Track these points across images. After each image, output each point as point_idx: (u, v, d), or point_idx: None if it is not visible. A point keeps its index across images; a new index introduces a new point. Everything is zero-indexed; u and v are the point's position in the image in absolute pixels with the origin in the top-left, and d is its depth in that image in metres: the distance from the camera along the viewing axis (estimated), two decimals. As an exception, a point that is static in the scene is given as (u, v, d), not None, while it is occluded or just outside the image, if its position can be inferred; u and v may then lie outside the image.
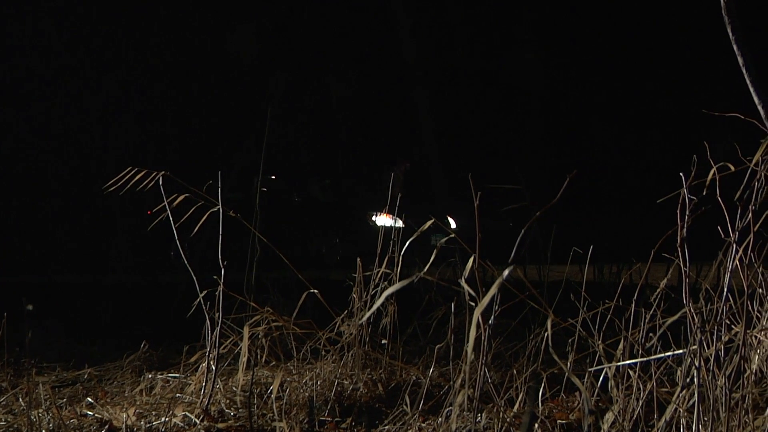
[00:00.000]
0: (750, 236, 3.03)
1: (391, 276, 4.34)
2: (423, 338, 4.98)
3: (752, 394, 3.11)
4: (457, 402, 3.08)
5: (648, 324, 3.29)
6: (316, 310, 4.40)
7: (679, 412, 2.98)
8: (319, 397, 4.01)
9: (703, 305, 3.08)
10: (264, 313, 4.17)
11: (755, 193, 3.06)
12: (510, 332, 4.54)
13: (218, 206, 4.06)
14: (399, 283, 2.94)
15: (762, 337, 3.19)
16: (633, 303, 3.32)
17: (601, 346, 3.34)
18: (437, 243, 3.51)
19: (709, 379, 2.86)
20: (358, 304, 4.45)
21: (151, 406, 4.01)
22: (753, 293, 3.19)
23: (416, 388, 3.89)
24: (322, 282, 4.89)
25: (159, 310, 7.85)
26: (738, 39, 3.14)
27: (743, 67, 3.13)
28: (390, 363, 4.41)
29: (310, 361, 4.43)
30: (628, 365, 3.22)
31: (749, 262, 3.10)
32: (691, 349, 2.94)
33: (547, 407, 3.66)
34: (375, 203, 15.48)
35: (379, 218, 15.60)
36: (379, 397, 4.11)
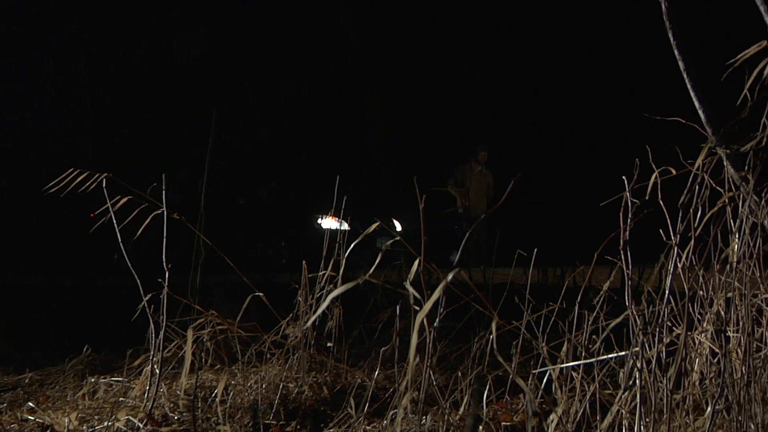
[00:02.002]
0: (691, 239, 3.07)
1: (337, 279, 4.34)
2: (368, 341, 4.98)
3: (693, 395, 3.15)
4: (402, 404, 3.08)
5: (591, 326, 3.32)
6: (262, 313, 4.37)
7: (622, 414, 3.01)
8: (264, 400, 3.99)
9: (645, 307, 3.11)
10: (209, 316, 4.14)
11: (696, 197, 3.10)
12: (455, 335, 4.56)
13: (162, 209, 4.03)
14: (343, 286, 2.92)
15: (702, 338, 3.22)
16: (576, 305, 3.35)
17: (545, 348, 3.36)
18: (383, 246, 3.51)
19: (651, 380, 2.89)
20: (304, 307, 4.44)
21: (94, 411, 3.97)
22: (694, 295, 3.22)
23: (361, 391, 3.89)
24: (267, 285, 4.87)
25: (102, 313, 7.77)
26: (679, 44, 3.17)
27: (684, 72, 3.17)
28: (335, 366, 4.40)
29: (255, 364, 4.41)
30: (571, 367, 3.24)
31: (690, 264, 3.14)
32: (633, 351, 2.97)
33: (492, 409, 3.68)
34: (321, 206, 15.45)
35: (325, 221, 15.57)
36: (324, 400, 4.10)
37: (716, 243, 3.25)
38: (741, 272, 3.15)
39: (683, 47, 3.18)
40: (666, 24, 3.18)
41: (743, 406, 2.85)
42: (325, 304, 2.94)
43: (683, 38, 3.18)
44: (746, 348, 2.93)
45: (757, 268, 3.23)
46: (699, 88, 3.16)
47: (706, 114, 3.16)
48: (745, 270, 3.16)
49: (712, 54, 4.67)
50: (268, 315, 4.35)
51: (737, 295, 3.11)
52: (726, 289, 3.18)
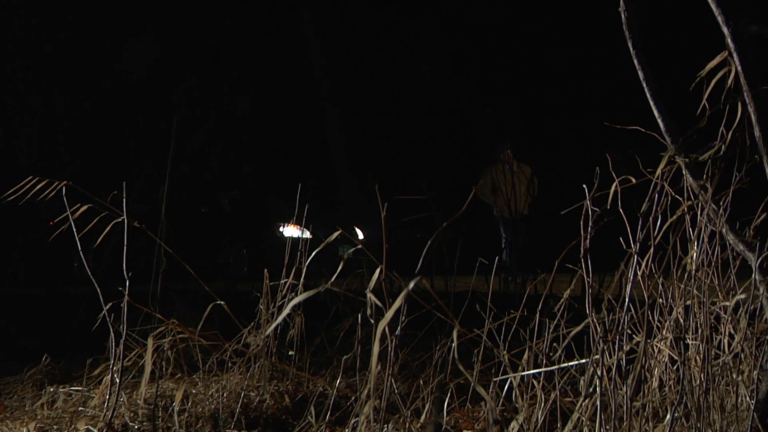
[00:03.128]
0: (651, 248, 3.09)
1: (298, 287, 4.33)
2: (330, 349, 4.97)
3: (652, 402, 3.17)
4: (364, 413, 3.07)
5: (552, 334, 3.33)
6: (223, 321, 4.35)
7: (582, 421, 3.02)
8: (225, 409, 3.97)
9: (606, 315, 3.13)
10: (170, 324, 4.11)
11: (655, 206, 3.12)
12: (417, 343, 4.56)
13: (123, 217, 4.00)
14: (305, 294, 2.92)
15: (662, 346, 3.25)
16: (537, 313, 3.36)
17: (507, 356, 3.37)
18: (345, 254, 3.50)
19: (611, 388, 2.91)
20: (265, 316, 4.42)
21: (53, 420, 3.93)
22: (653, 303, 3.25)
23: (323, 400, 3.88)
24: (229, 293, 4.85)
25: (62, 322, 7.70)
26: (639, 54, 3.20)
27: (644, 81, 3.19)
28: (297, 374, 4.39)
29: (216, 373, 4.39)
30: (532, 375, 3.25)
31: (650, 272, 3.16)
32: (593, 359, 2.99)
33: (454, 417, 3.68)
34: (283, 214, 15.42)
35: (287, 229, 15.55)
36: (285, 408, 4.08)
37: (675, 251, 3.27)
38: (700, 280, 3.18)
39: (643, 57, 3.21)
40: (626, 34, 3.21)
41: (702, 413, 2.87)
42: (285, 312, 2.93)
43: (643, 48, 3.21)
44: (705, 355, 2.96)
45: (716, 276, 3.26)
46: (658, 98, 3.19)
47: (665, 123, 3.18)
48: (704, 278, 3.19)
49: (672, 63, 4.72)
50: (230, 323, 4.33)
51: (696, 302, 3.14)
52: (685, 296, 3.21)
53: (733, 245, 3.15)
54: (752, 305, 3.14)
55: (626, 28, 3.20)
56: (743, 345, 3.12)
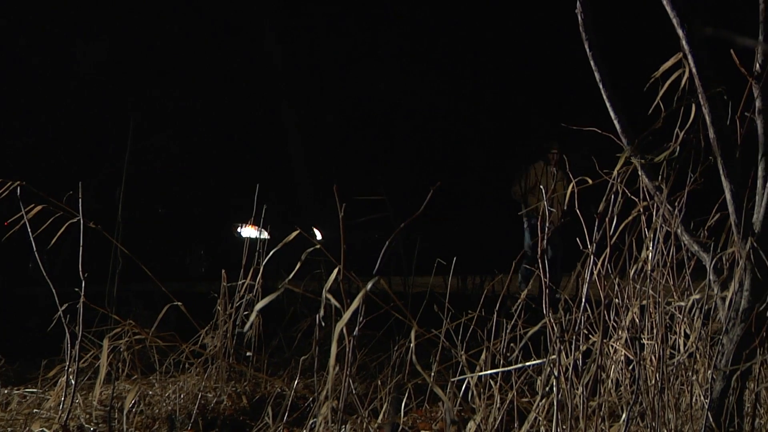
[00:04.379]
0: (607, 248, 3.11)
1: (256, 288, 4.31)
2: (288, 350, 4.96)
3: (608, 401, 3.19)
4: (322, 414, 3.07)
5: (509, 334, 3.35)
6: (181, 322, 4.33)
7: (539, 421, 3.04)
8: (182, 410, 3.95)
9: (562, 316, 3.15)
10: (126, 325, 4.08)
11: (611, 206, 3.14)
12: (375, 343, 4.56)
13: (78, 217, 3.96)
14: (267, 298, 2.91)
15: (618, 346, 3.27)
16: (495, 314, 3.37)
17: (464, 357, 3.38)
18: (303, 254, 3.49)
19: (567, 387, 2.92)
20: (223, 317, 4.40)
21: (7, 423, 3.89)
22: (609, 303, 3.27)
23: (281, 400, 3.86)
24: (186, 294, 4.82)
25: (16, 323, 7.62)
26: (595, 55, 3.22)
27: (600, 83, 3.21)
28: (255, 375, 4.37)
29: (173, 374, 4.36)
30: (490, 375, 3.26)
31: (606, 273, 3.18)
32: (550, 359, 3.00)
33: (411, 418, 3.69)
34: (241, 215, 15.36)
35: (245, 230, 15.48)
36: (243, 409, 4.07)
37: (631, 252, 3.30)
38: (655, 280, 3.20)
39: (599, 58, 3.23)
40: (582, 35, 3.23)
41: (657, 412, 2.89)
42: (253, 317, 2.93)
43: (599, 49, 3.23)
44: (660, 355, 2.98)
45: (671, 277, 3.29)
46: (615, 99, 3.21)
47: (621, 124, 3.21)
48: (659, 278, 3.22)
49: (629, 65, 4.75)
50: (187, 324, 4.31)
51: (651, 303, 3.16)
52: (640, 297, 3.23)
53: (688, 246, 3.18)
54: (707, 305, 3.17)
55: (582, 29, 3.22)
56: (698, 345, 3.15)
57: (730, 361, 2.89)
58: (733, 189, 2.98)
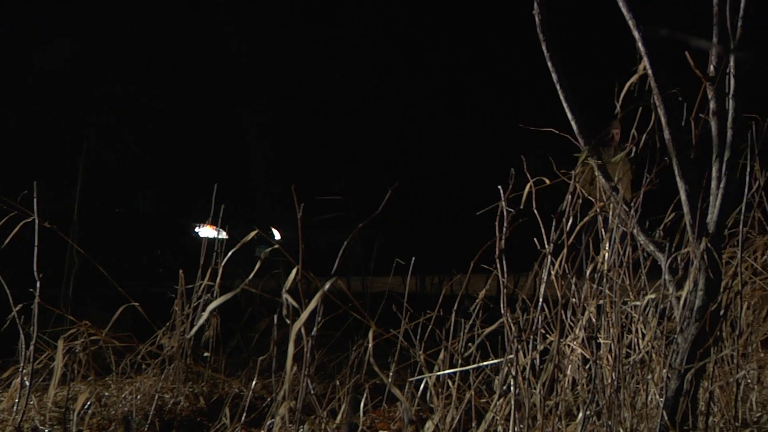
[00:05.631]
0: (564, 248, 3.13)
1: (214, 288, 4.30)
2: (246, 350, 4.94)
3: (565, 401, 3.21)
4: (279, 414, 3.06)
5: (467, 334, 3.36)
6: (138, 323, 4.30)
7: (497, 420, 3.05)
8: (139, 411, 3.92)
9: (520, 315, 3.16)
10: (82, 326, 4.05)
11: (569, 206, 3.16)
12: (334, 344, 4.56)
13: (33, 217, 3.92)
14: (223, 297, 2.90)
15: (575, 345, 3.29)
16: (453, 313, 3.38)
17: (422, 357, 3.38)
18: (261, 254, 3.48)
19: (525, 387, 2.93)
20: (180, 317, 4.38)
21: (-40, 425, 3.85)
22: (567, 303, 3.29)
23: (239, 401, 3.85)
24: (143, 295, 4.79)
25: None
26: (552, 56, 3.23)
27: (557, 84, 3.23)
28: (212, 376, 4.36)
29: (130, 375, 4.33)
30: (448, 375, 3.27)
31: (563, 273, 3.20)
32: (508, 358, 3.02)
33: (369, 418, 3.69)
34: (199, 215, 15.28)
35: (203, 230, 15.41)
36: (200, 410, 4.05)
37: (588, 252, 3.32)
38: (611, 280, 3.23)
39: (557, 59, 3.25)
40: (540, 36, 3.24)
41: (613, 411, 2.92)
42: (205, 316, 2.91)
43: (557, 51, 3.25)
44: (616, 354, 3.00)
45: (627, 276, 3.32)
46: (572, 100, 3.23)
47: (578, 125, 3.23)
48: (616, 278, 3.24)
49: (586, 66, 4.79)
50: (144, 325, 4.28)
51: (608, 302, 3.18)
52: (597, 296, 3.25)
53: (643, 246, 3.21)
54: (662, 305, 3.20)
55: (540, 30, 3.24)
56: (653, 344, 3.18)
57: (684, 360, 2.92)
58: (687, 189, 3.01)
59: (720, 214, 2.99)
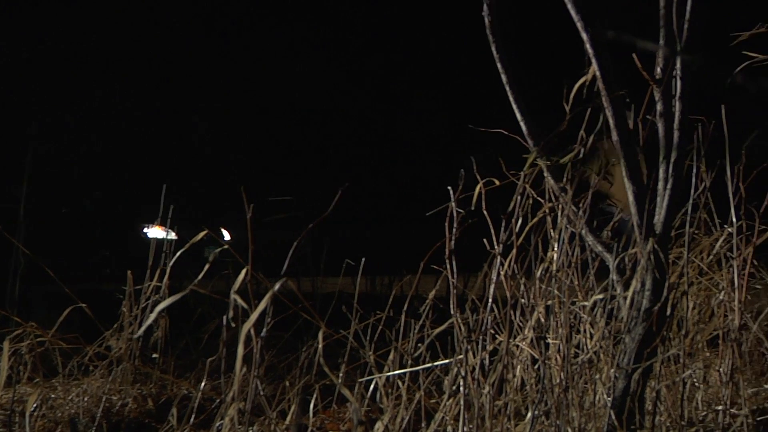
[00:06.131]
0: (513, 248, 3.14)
1: (162, 289, 4.27)
2: (195, 352, 4.91)
3: (514, 401, 3.22)
4: (229, 415, 3.04)
5: (417, 334, 3.36)
6: (85, 324, 4.25)
7: (446, 420, 3.06)
8: (86, 413, 3.88)
9: (470, 316, 3.17)
10: (27, 327, 4.00)
11: (518, 207, 3.18)
12: (284, 344, 4.54)
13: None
14: (171, 298, 2.88)
15: (524, 345, 3.31)
16: (403, 314, 3.38)
17: (372, 357, 3.38)
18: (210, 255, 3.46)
19: (474, 387, 2.94)
20: (128, 318, 4.34)
21: None
22: (516, 303, 3.30)
23: (187, 402, 3.82)
24: (91, 295, 4.74)
25: None
26: (502, 57, 3.24)
27: (507, 85, 3.24)
28: (161, 377, 4.32)
29: (77, 377, 4.29)
30: (397, 375, 3.27)
31: (513, 273, 3.22)
32: (457, 359, 3.02)
33: (319, 419, 3.68)
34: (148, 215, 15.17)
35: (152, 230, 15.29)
36: (148, 412, 4.02)
37: (537, 252, 3.34)
38: (560, 280, 3.25)
39: (506, 61, 3.26)
40: (489, 38, 3.25)
41: (561, 410, 2.93)
42: (153, 316, 2.89)
43: (506, 52, 3.26)
44: (564, 354, 3.02)
45: (575, 277, 3.34)
46: (521, 101, 3.24)
47: (527, 126, 3.24)
48: (564, 278, 3.26)
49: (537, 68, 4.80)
50: (92, 326, 4.24)
51: (557, 302, 3.20)
52: (546, 297, 3.27)
53: (591, 246, 3.23)
54: (610, 305, 3.22)
55: (489, 32, 3.25)
56: (601, 344, 3.20)
57: (632, 360, 2.95)
58: (635, 190, 3.03)
59: (667, 214, 3.02)
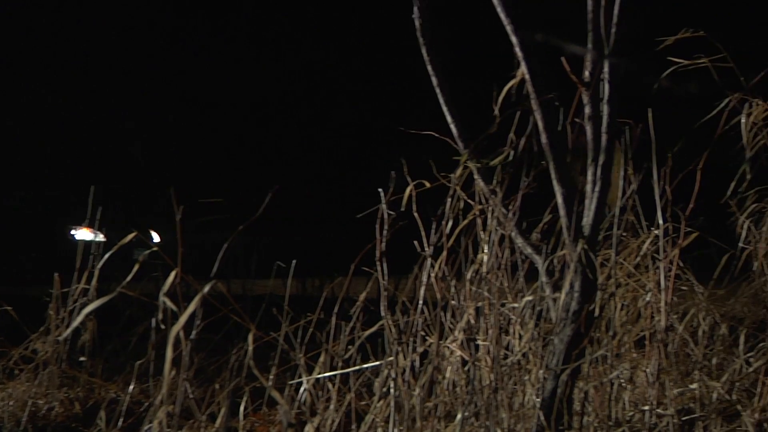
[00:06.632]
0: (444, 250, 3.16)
1: (90, 291, 4.21)
2: (124, 355, 4.85)
3: (444, 402, 3.24)
4: (157, 419, 3.01)
5: (348, 336, 3.36)
6: (11, 327, 4.19)
7: (376, 422, 3.06)
8: (11, 418, 3.82)
9: (400, 318, 3.17)
10: (-52, 332, 3.93)
11: (449, 209, 3.19)
12: (213, 347, 4.50)
13: None
14: (99, 300, 2.85)
15: (454, 347, 3.32)
16: (334, 316, 3.38)
17: (303, 359, 3.37)
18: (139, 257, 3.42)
19: (404, 389, 2.95)
20: (55, 321, 4.28)
21: None
22: (446, 305, 3.32)
23: (115, 406, 3.78)
24: (17, 298, 4.67)
25: None
26: (432, 60, 3.25)
27: (437, 88, 3.25)
28: (89, 381, 4.27)
29: (2, 381, 4.22)
30: (328, 377, 3.27)
31: (443, 275, 3.23)
32: (388, 361, 3.03)
33: (249, 421, 3.66)
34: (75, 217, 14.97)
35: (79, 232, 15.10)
36: (75, 416, 3.97)
37: (467, 254, 3.36)
38: (490, 282, 3.27)
39: (437, 63, 3.27)
40: (420, 40, 3.26)
41: (491, 411, 2.95)
42: (80, 319, 2.85)
43: (437, 55, 3.27)
44: (494, 356, 3.04)
45: (505, 279, 3.36)
46: (452, 104, 3.26)
47: (458, 129, 3.25)
48: (494, 280, 3.28)
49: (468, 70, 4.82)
50: (18, 329, 4.18)
51: (486, 304, 3.22)
52: (476, 298, 3.29)
53: (521, 248, 3.25)
54: (539, 306, 3.25)
55: (420, 35, 3.25)
56: (530, 345, 3.22)
57: (560, 361, 2.97)
58: (564, 193, 3.06)
59: (595, 217, 3.05)
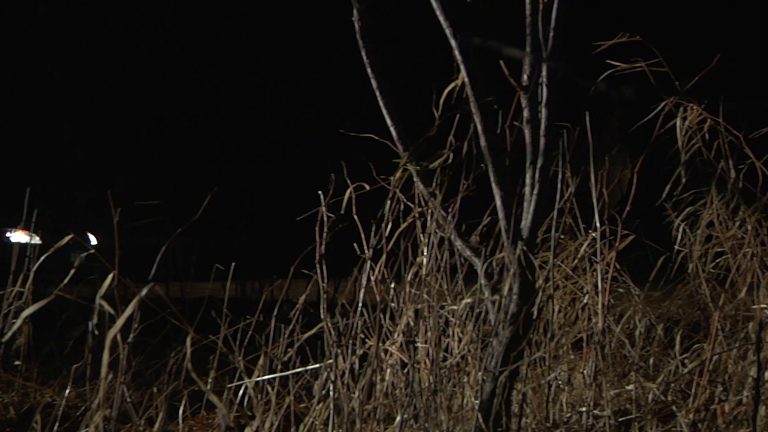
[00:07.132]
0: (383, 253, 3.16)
1: (26, 294, 4.15)
2: (60, 358, 4.79)
3: (384, 405, 3.24)
4: (94, 423, 2.98)
5: (287, 339, 3.35)
6: (-57, 332, 4.12)
7: (316, 425, 3.05)
8: (-56, 424, 3.76)
9: (340, 320, 3.17)
10: None
11: (388, 212, 3.20)
12: (151, 350, 4.46)
13: None
14: (36, 304, 2.80)
15: (393, 350, 3.33)
16: (273, 318, 3.37)
17: (242, 362, 3.35)
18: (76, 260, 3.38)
19: (344, 391, 2.95)
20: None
21: None
22: (385, 308, 3.32)
23: (51, 410, 3.73)
24: (-51, 301, 4.60)
25: None
26: (372, 62, 3.26)
27: (377, 90, 3.26)
28: (24, 385, 4.21)
29: (-68, 386, 4.15)
30: (267, 380, 3.25)
31: (383, 277, 3.23)
32: (327, 363, 3.02)
33: (188, 425, 3.63)
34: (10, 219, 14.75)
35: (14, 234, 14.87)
36: (10, 421, 3.91)
37: (407, 256, 3.36)
38: (430, 285, 3.28)
39: (377, 66, 3.27)
40: (359, 43, 3.26)
41: (430, 414, 2.96)
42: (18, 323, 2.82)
43: (377, 57, 3.27)
44: (433, 358, 3.05)
45: (445, 281, 3.37)
46: (391, 106, 3.26)
47: (397, 131, 3.26)
48: (433, 283, 3.29)
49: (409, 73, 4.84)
50: (-50, 334, 4.11)
51: (426, 306, 3.23)
52: (415, 301, 3.30)
53: (460, 251, 3.26)
54: (478, 309, 3.26)
55: (360, 37, 3.26)
56: (470, 347, 3.24)
57: (499, 363, 2.99)
58: (503, 195, 3.08)
59: (534, 219, 3.07)
